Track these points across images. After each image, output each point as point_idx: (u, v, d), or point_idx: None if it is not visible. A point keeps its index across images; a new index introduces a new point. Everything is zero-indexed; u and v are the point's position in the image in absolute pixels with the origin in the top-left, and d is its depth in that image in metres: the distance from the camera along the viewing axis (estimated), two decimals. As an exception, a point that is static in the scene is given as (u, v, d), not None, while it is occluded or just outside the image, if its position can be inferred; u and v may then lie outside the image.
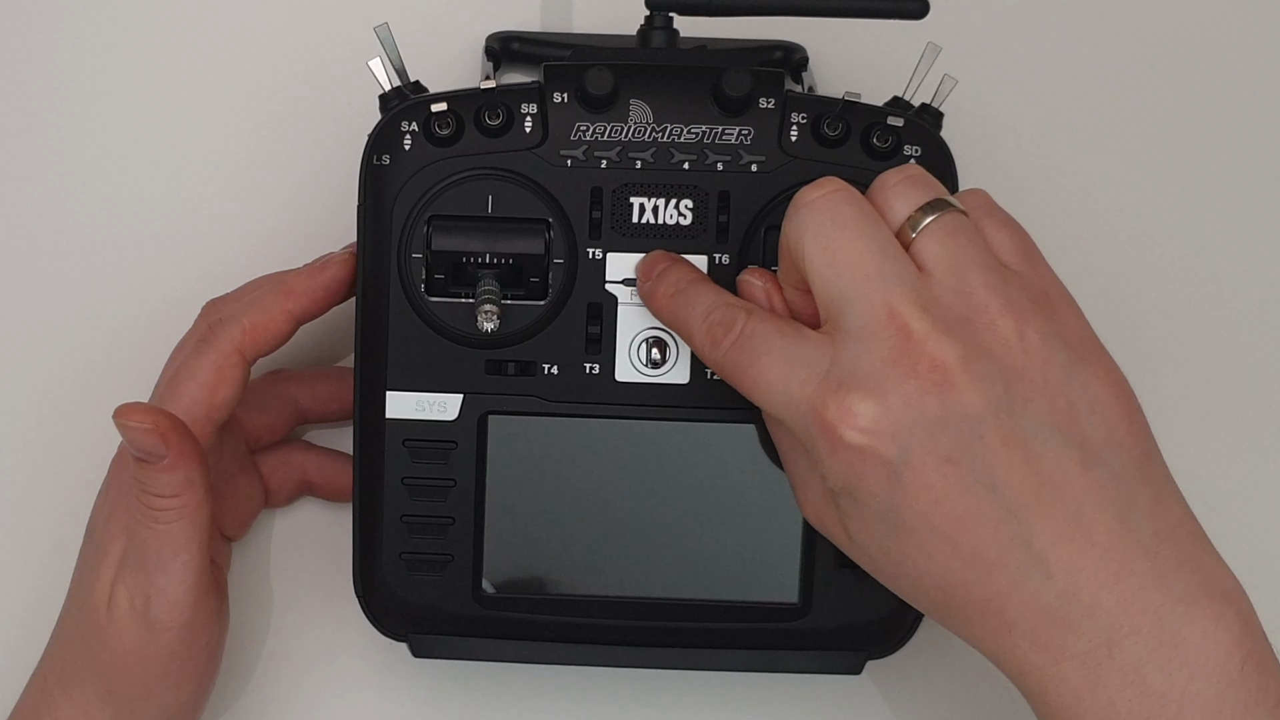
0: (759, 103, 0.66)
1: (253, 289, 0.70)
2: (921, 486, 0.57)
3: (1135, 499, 0.58)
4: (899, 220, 0.60)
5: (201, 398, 0.68)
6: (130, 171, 0.77)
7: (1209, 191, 0.78)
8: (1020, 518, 0.57)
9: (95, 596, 0.68)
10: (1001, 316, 0.58)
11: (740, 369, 0.61)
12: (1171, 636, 0.57)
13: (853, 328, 0.58)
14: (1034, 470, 0.57)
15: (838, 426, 0.58)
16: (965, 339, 0.57)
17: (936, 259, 0.59)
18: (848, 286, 0.58)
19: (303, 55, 0.77)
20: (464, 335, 0.67)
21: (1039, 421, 0.58)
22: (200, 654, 0.69)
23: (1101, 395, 0.59)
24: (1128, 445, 0.59)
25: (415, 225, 0.66)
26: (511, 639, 0.69)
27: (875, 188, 0.61)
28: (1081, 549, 0.57)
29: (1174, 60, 0.78)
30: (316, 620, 0.77)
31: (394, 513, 0.68)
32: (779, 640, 0.69)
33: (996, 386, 0.57)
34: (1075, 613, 0.57)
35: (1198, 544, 0.59)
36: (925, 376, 0.57)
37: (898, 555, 0.59)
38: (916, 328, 0.57)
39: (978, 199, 0.62)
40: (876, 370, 0.57)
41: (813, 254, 0.59)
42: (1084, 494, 0.57)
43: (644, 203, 0.67)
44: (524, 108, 0.66)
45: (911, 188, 0.60)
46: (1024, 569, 0.57)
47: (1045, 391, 0.58)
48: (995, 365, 0.58)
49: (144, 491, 0.66)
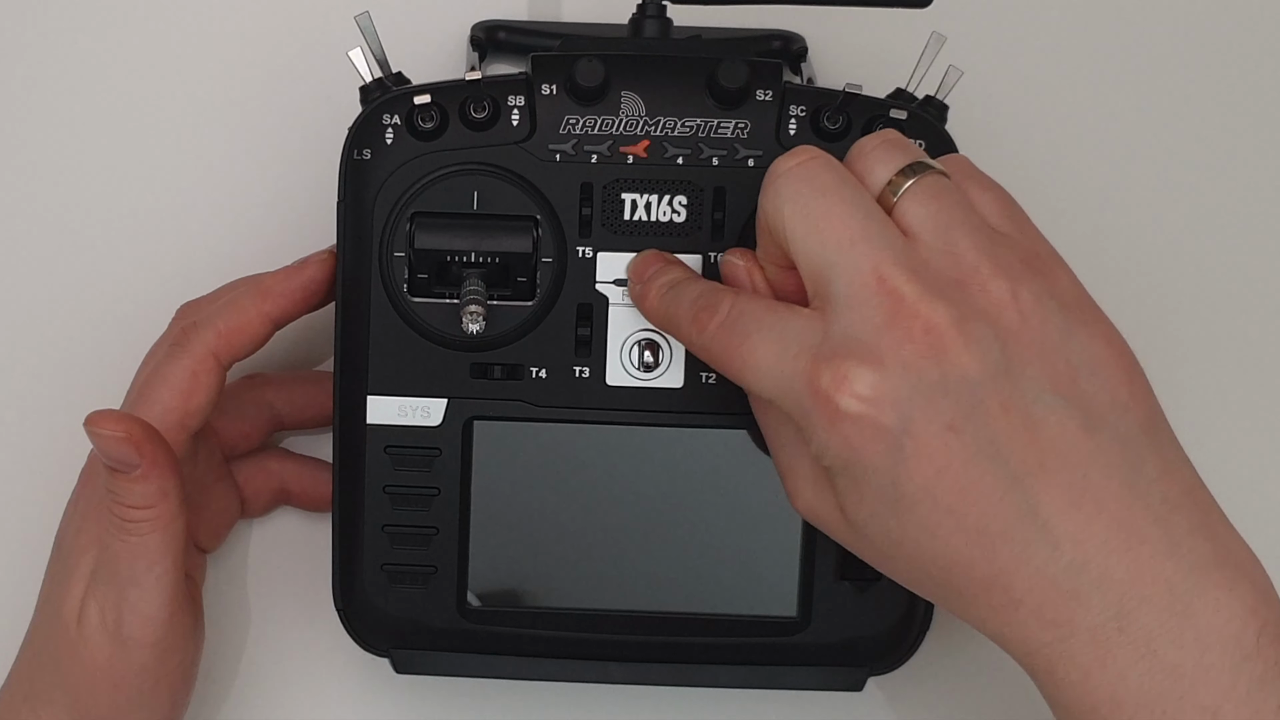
0: (756, 95, 0.66)
1: (228, 291, 0.70)
2: (924, 456, 0.57)
3: (1143, 464, 0.57)
4: (879, 185, 0.59)
5: (175, 404, 0.68)
6: (100, 168, 0.77)
7: (1222, 187, 0.78)
8: (1025, 486, 0.57)
9: (65, 612, 0.68)
10: (993, 278, 0.58)
11: (728, 350, 0.60)
12: (1184, 607, 0.56)
13: (841, 296, 0.58)
14: (1036, 436, 0.57)
15: (834, 397, 0.57)
16: (958, 301, 0.57)
17: (921, 222, 0.59)
18: (833, 254, 0.58)
19: (280, 45, 0.76)
20: (448, 337, 0.67)
21: (1039, 385, 0.57)
22: (174, 671, 0.69)
23: (1101, 356, 0.58)
24: (1132, 408, 0.58)
25: (397, 223, 0.66)
26: (498, 654, 0.69)
27: (853, 154, 0.61)
28: (1089, 516, 0.56)
29: (1188, 49, 0.78)
30: (295, 635, 0.77)
31: (375, 523, 0.68)
32: (777, 655, 0.69)
33: (993, 350, 0.57)
34: (1084, 584, 0.56)
35: (1210, 512, 0.58)
36: (921, 341, 0.57)
37: (898, 534, 0.58)
38: (907, 292, 0.57)
39: (958, 163, 0.62)
40: (870, 337, 0.57)
41: (794, 224, 0.59)
42: (1090, 459, 0.57)
43: (636, 199, 0.66)
44: (511, 100, 0.66)
45: (890, 151, 0.60)
46: (1030, 541, 0.57)
47: (1043, 354, 0.57)
48: (991, 328, 0.57)
49: (116, 502, 0.66)
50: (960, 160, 0.62)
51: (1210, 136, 0.78)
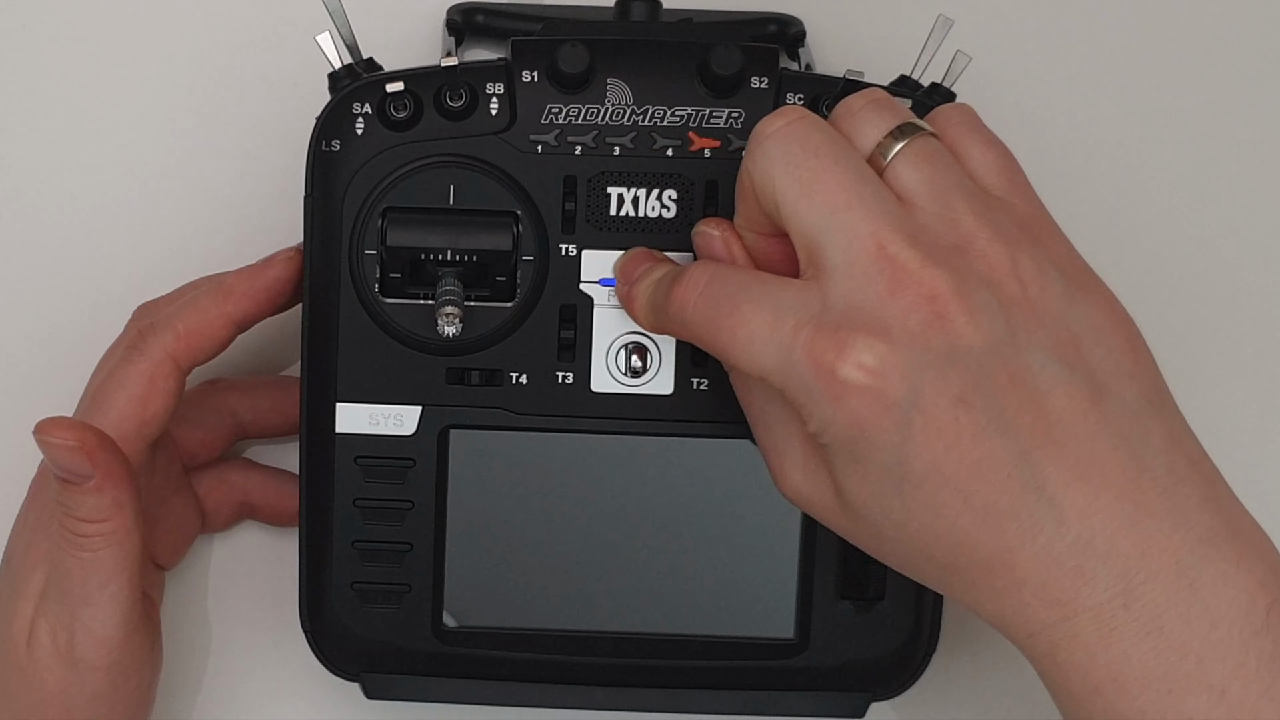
0: (750, 82, 0.66)
1: (188, 291, 0.69)
2: (934, 431, 0.56)
3: (1149, 435, 0.58)
4: (869, 147, 0.60)
5: (131, 411, 0.67)
6: (52, 158, 0.76)
7: (1239, 176, 0.78)
8: (1032, 461, 0.56)
9: (14, 633, 0.67)
10: (992, 244, 0.58)
11: (714, 323, 0.60)
12: (1191, 581, 0.56)
13: (839, 264, 0.57)
14: (1044, 407, 0.57)
15: (839, 370, 0.56)
16: (959, 269, 0.57)
17: (915, 186, 0.59)
18: (827, 219, 0.58)
19: (243, 29, 0.76)
20: (423, 341, 0.66)
21: (1044, 354, 0.57)
22: (130, 696, 0.68)
23: (1104, 323, 0.59)
24: (1137, 376, 0.58)
25: (369, 218, 0.66)
26: (475, 678, 0.69)
27: (839, 114, 0.61)
28: (1096, 491, 0.56)
29: (1205, 35, 0.78)
30: (259, 658, 0.77)
31: (345, 538, 0.68)
32: (773, 680, 0.69)
33: (998, 318, 0.57)
34: (1090, 561, 0.56)
35: (1216, 485, 0.58)
36: (925, 310, 0.57)
37: (901, 515, 0.57)
38: (908, 259, 0.57)
39: (962, 114, 0.62)
40: (874, 307, 0.57)
41: (786, 187, 0.58)
42: (1096, 430, 0.57)
43: (623, 193, 0.66)
44: (489, 88, 0.65)
45: (878, 112, 0.60)
46: (1036, 518, 0.56)
47: (1046, 322, 0.58)
48: (994, 296, 0.57)
49: (68, 515, 0.66)
50: (965, 111, 0.62)
51: (1227, 124, 0.78)
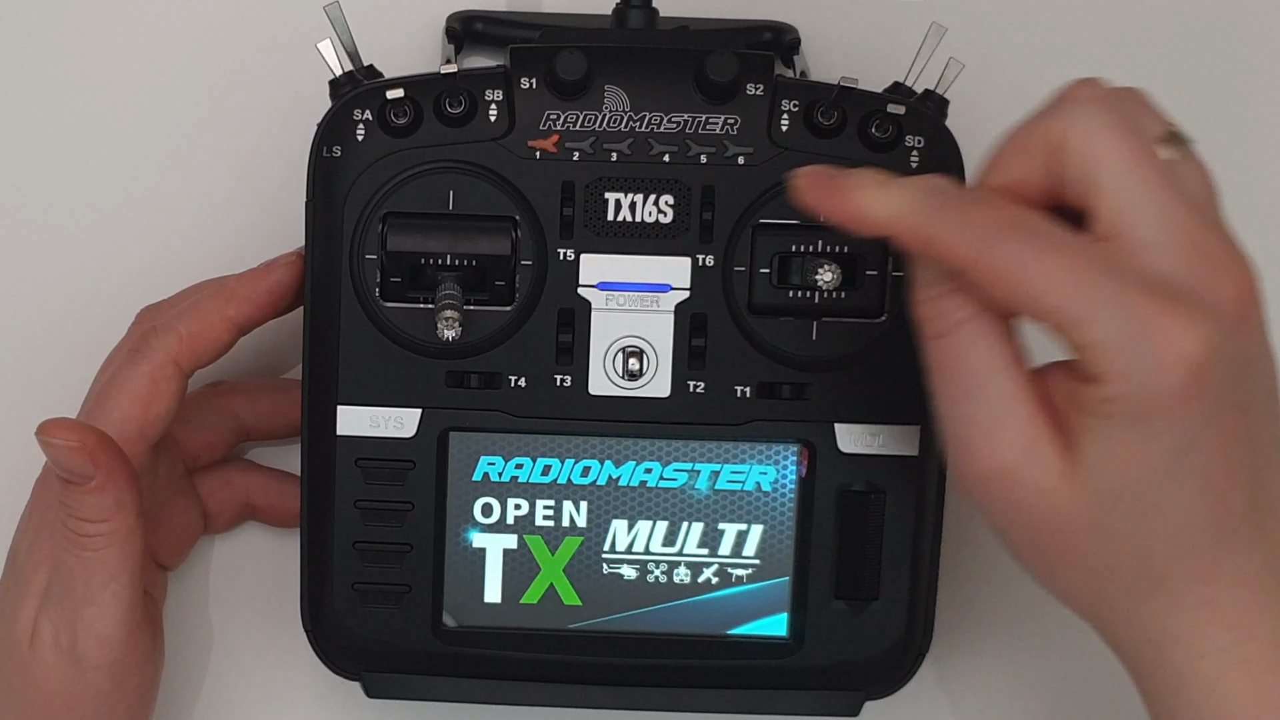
0: (746, 89, 0.65)
1: (191, 294, 0.69)
2: (1223, 427, 0.55)
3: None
4: (1151, 141, 0.58)
5: (134, 413, 0.67)
6: (57, 164, 0.76)
7: (1236, 179, 0.74)
8: (1262, 478, 0.56)
9: (17, 631, 0.67)
10: (1239, 260, 0.57)
11: (1021, 259, 0.55)
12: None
13: (1152, 239, 0.56)
14: (1276, 426, 0.57)
15: (1182, 342, 0.54)
16: (1245, 275, 0.56)
17: (1194, 194, 0.58)
18: (1143, 192, 0.56)
19: (246, 37, 0.76)
20: (422, 344, 0.66)
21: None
22: (132, 695, 0.68)
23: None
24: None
25: (369, 223, 0.66)
26: (474, 677, 0.69)
27: (1124, 97, 0.59)
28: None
29: (1196, 40, 0.78)
30: (260, 657, 0.77)
31: (346, 539, 0.68)
32: (768, 679, 0.69)
33: (1264, 330, 0.57)
34: (1274, 581, 0.56)
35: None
36: (1239, 306, 0.56)
37: (1150, 503, 0.55)
38: (1221, 254, 0.56)
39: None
40: (1201, 290, 0.55)
41: (1108, 151, 0.56)
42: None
43: (620, 199, 0.66)
44: (488, 94, 0.65)
45: (1156, 113, 0.59)
46: (1251, 536, 0.56)
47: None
48: (1260, 306, 0.57)
49: (70, 516, 0.66)
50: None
51: (1221, 133, 0.73)
